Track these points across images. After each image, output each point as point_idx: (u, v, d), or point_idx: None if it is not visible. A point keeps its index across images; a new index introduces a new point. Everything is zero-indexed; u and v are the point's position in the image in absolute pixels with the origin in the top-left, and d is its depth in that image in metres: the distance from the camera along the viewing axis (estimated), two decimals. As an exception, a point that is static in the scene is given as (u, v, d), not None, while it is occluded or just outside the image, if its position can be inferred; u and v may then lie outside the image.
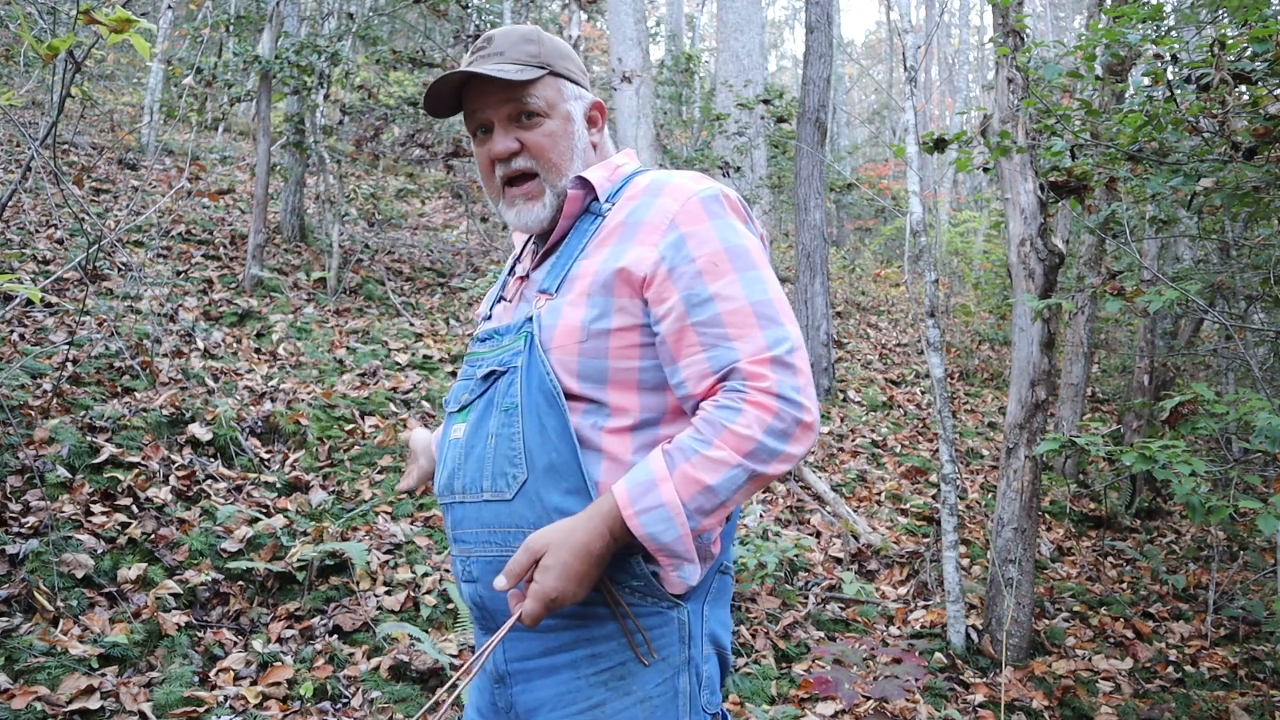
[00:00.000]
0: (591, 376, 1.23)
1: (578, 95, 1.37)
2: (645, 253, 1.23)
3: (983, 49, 25.46)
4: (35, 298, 2.27)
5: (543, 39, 1.36)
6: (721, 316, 1.20)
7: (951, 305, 11.37)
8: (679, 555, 1.18)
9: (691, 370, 1.21)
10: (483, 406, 1.30)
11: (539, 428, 1.23)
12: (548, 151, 1.32)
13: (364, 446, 4.73)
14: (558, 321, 1.25)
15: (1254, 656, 4.45)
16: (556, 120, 1.33)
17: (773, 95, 10.05)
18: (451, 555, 1.37)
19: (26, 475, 3.54)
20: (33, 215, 6.62)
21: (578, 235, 1.33)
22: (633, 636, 1.22)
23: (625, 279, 1.23)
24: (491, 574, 1.27)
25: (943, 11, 21.38)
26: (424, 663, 3.20)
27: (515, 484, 1.24)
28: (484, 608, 1.32)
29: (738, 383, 1.18)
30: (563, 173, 1.34)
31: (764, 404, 1.16)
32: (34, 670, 2.70)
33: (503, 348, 1.32)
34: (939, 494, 5.12)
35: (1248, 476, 3.47)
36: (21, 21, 2.13)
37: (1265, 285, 5.07)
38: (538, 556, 1.15)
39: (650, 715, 1.23)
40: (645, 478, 1.16)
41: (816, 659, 3.82)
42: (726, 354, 1.19)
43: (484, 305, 1.51)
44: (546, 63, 1.33)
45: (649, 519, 1.14)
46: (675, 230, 1.24)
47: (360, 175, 11.96)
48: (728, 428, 1.16)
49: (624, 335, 1.24)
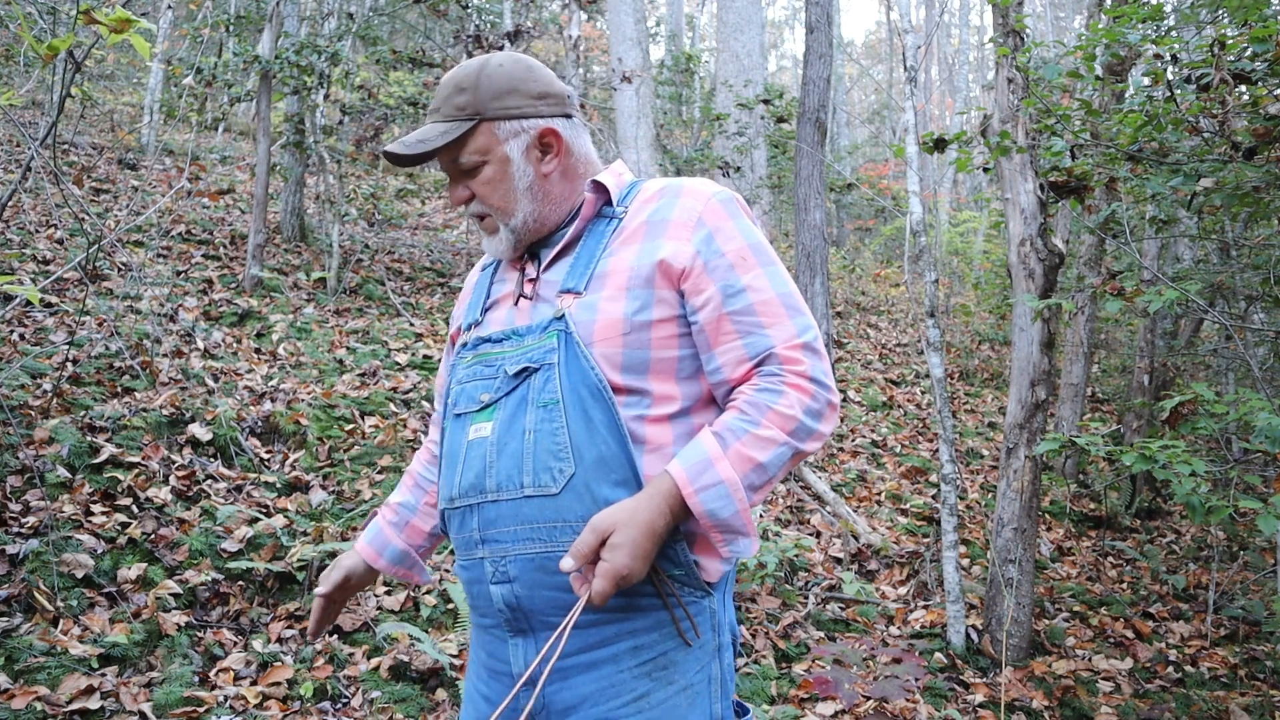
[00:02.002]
0: (634, 368, 1.29)
1: (516, 131, 1.38)
2: (681, 247, 1.31)
3: (983, 49, 25.47)
4: (35, 298, 2.27)
5: (477, 82, 1.37)
6: (755, 306, 1.29)
7: (951, 305, 11.37)
8: (736, 530, 1.24)
9: (729, 356, 1.29)
10: (514, 404, 1.31)
11: (585, 421, 1.26)
12: (489, 197, 1.38)
13: (364, 446, 4.73)
14: (596, 316, 1.29)
15: (1254, 656, 4.45)
16: (493, 165, 1.38)
17: (773, 95, 10.05)
18: (469, 560, 1.35)
19: (26, 475, 3.54)
20: (33, 215, 6.62)
21: (594, 237, 1.38)
22: (680, 622, 1.28)
23: (665, 271, 1.30)
24: (533, 572, 1.27)
25: (943, 11, 21.38)
26: (424, 663, 3.20)
27: (562, 478, 1.25)
28: (519, 609, 1.30)
29: (775, 367, 1.27)
30: (509, 212, 1.39)
31: (802, 386, 1.26)
32: (34, 670, 2.70)
33: (529, 346, 1.33)
34: (939, 494, 5.12)
35: (1248, 476, 3.47)
36: (21, 21, 2.14)
37: (1265, 285, 5.07)
38: (605, 536, 1.18)
39: (691, 703, 1.28)
40: (701, 457, 1.22)
41: (816, 659, 3.82)
42: (762, 340, 1.28)
43: (466, 312, 1.51)
44: (477, 111, 1.36)
45: (708, 496, 1.21)
46: (704, 227, 1.32)
47: (360, 175, 11.97)
48: (772, 408, 1.25)
49: (664, 326, 1.30)
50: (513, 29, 7.15)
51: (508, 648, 1.33)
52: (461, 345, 1.45)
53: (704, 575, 1.29)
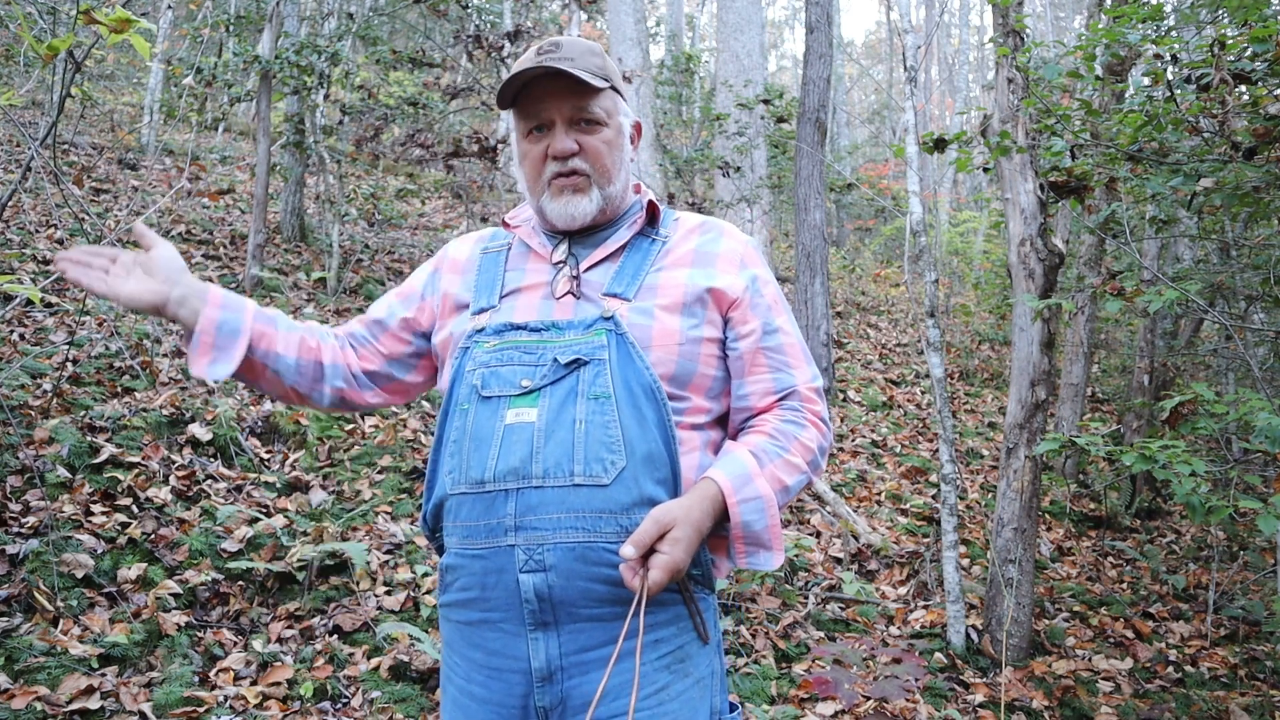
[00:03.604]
0: (680, 378, 1.36)
1: (627, 113, 1.48)
2: (734, 280, 1.42)
3: (983, 49, 25.46)
4: (35, 298, 2.27)
5: (605, 56, 1.46)
6: (784, 346, 1.44)
7: (951, 305, 11.37)
8: (763, 543, 1.32)
9: (758, 386, 1.42)
10: (563, 393, 1.31)
11: (638, 418, 1.30)
12: (603, 158, 1.42)
13: (364, 446, 4.73)
14: (652, 324, 1.36)
15: (1254, 656, 4.45)
16: (612, 130, 1.44)
17: (773, 95, 10.04)
18: (492, 548, 1.30)
19: (26, 475, 3.54)
20: (33, 215, 6.62)
21: (640, 252, 1.45)
22: (697, 618, 1.34)
23: (717, 298, 1.40)
24: (571, 561, 1.26)
25: (943, 11, 21.38)
26: (424, 663, 3.20)
27: (614, 470, 1.28)
28: (549, 599, 1.27)
29: (797, 403, 1.42)
30: (611, 179, 1.43)
31: (817, 424, 1.42)
32: (34, 670, 2.70)
33: (573, 340, 1.34)
34: (939, 494, 5.12)
35: (1248, 476, 3.47)
36: (21, 21, 2.14)
37: (1265, 285, 5.07)
38: (666, 529, 1.22)
39: (702, 695, 1.34)
40: (742, 470, 1.31)
41: (816, 659, 3.82)
42: (788, 378, 1.43)
43: (475, 294, 1.46)
44: (609, 77, 1.43)
45: (748, 508, 1.30)
46: (748, 269, 1.45)
47: (360, 175, 11.96)
48: (798, 439, 1.39)
49: (710, 346, 1.40)
50: (513, 29, 7.15)
51: (522, 643, 1.29)
52: (476, 329, 1.40)
53: (715, 574, 1.38)
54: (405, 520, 4.22)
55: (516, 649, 1.30)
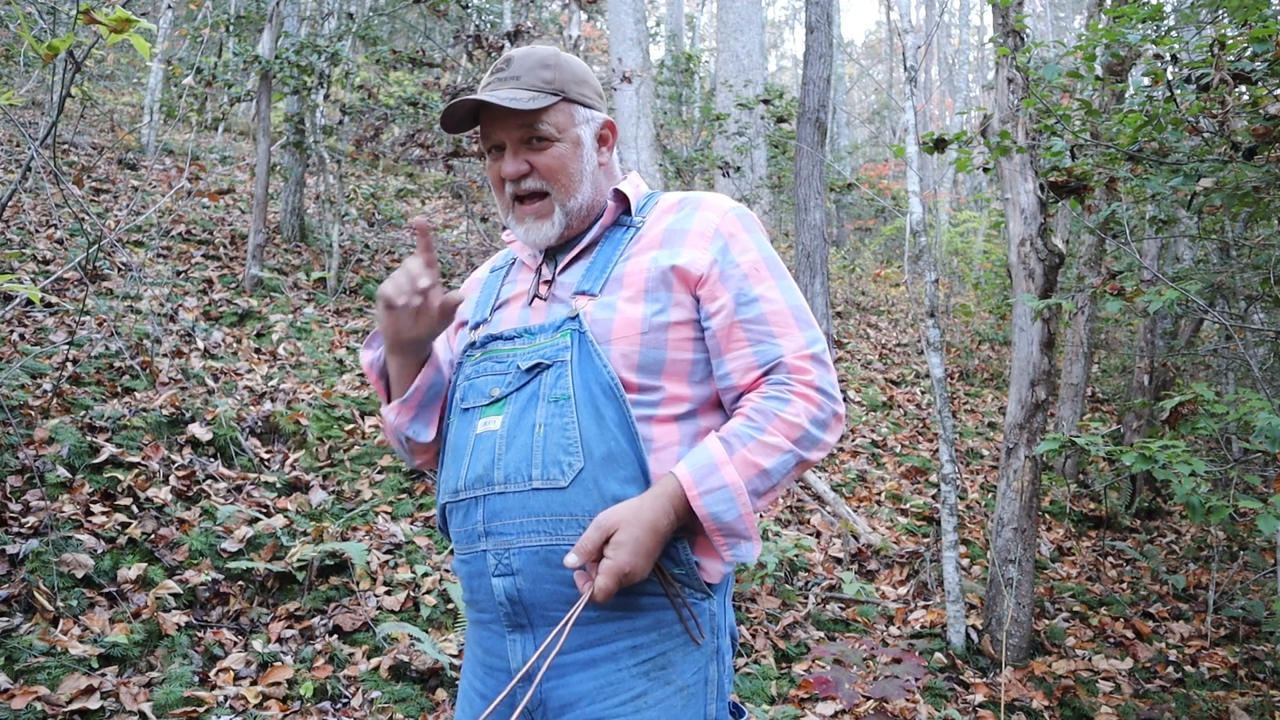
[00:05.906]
0: (649, 367, 1.32)
1: (588, 119, 1.44)
2: (699, 255, 1.35)
3: (983, 49, 25.46)
4: (35, 298, 2.27)
5: (560, 63, 1.42)
6: (766, 316, 1.34)
7: (951, 305, 11.36)
8: (738, 533, 1.26)
9: (738, 363, 1.33)
10: (525, 399, 1.33)
11: (596, 418, 1.28)
12: (557, 174, 1.40)
13: (364, 446, 4.73)
14: (614, 316, 1.32)
15: (1254, 656, 4.45)
16: (566, 144, 1.40)
17: (773, 95, 10.05)
18: (471, 553, 1.35)
19: (26, 475, 3.54)
20: (33, 215, 6.62)
21: (611, 244, 1.42)
22: (689, 621, 1.29)
23: (682, 276, 1.34)
24: (536, 564, 1.27)
25: (943, 11, 21.38)
26: (424, 663, 3.20)
27: (571, 472, 1.26)
28: (520, 602, 1.30)
29: (784, 376, 1.31)
30: (572, 192, 1.41)
31: (808, 395, 1.30)
32: (34, 670, 2.70)
33: (542, 344, 1.35)
34: (939, 494, 5.12)
35: (1248, 476, 3.47)
36: (21, 21, 2.14)
37: (1265, 285, 5.07)
38: (609, 534, 1.19)
39: (687, 703, 1.29)
40: (706, 461, 1.25)
41: (816, 659, 3.82)
42: (772, 349, 1.33)
43: (474, 310, 1.52)
44: (560, 89, 1.40)
45: (712, 499, 1.23)
46: (721, 238, 1.38)
47: (360, 175, 11.96)
48: (779, 416, 1.28)
49: (680, 329, 1.34)
50: (513, 29, 7.14)
51: (505, 643, 1.33)
52: (469, 344, 1.46)
53: (705, 576, 1.31)
54: (405, 520, 4.22)
55: (503, 649, 1.34)
